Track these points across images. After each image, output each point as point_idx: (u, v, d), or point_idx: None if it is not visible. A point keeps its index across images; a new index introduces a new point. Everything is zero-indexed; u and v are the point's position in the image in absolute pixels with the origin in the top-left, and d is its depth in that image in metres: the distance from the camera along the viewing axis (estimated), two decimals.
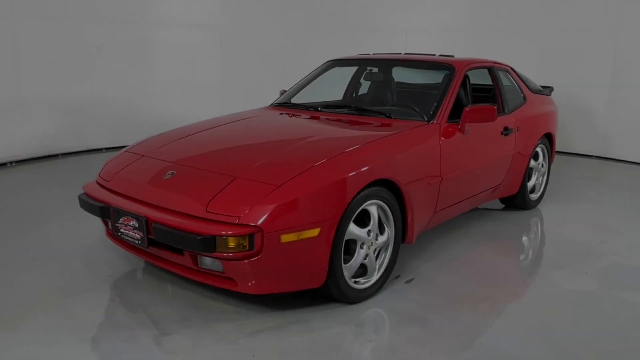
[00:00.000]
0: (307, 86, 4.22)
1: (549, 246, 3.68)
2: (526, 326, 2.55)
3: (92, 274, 2.99)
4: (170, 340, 2.35)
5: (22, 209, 4.11)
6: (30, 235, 3.54)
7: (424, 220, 3.18)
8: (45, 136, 5.81)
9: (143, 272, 3.04)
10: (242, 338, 2.38)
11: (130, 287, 2.85)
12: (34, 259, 3.17)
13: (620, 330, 2.53)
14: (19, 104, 5.54)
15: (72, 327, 2.43)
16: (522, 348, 2.36)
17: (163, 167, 2.80)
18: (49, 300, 2.69)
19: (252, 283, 2.41)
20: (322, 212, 2.43)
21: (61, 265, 3.09)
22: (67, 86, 5.90)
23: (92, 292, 2.78)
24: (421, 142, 3.08)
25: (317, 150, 2.75)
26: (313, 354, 2.27)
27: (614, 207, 4.57)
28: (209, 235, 2.27)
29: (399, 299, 2.80)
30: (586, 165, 6.25)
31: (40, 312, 2.56)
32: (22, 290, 2.78)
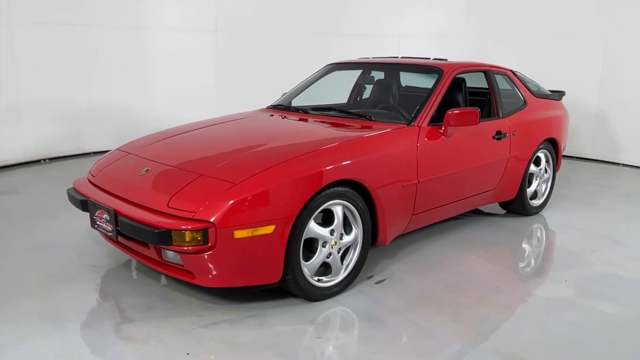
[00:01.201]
0: (307, 89, 4.26)
1: (537, 253, 3.55)
2: (480, 332, 2.47)
3: (80, 264, 3.12)
4: (128, 328, 2.43)
5: (22, 207, 4.26)
6: (30, 230, 3.69)
7: (399, 222, 3.14)
8: (43, 139, 5.76)
9: (126, 263, 3.14)
10: (196, 329, 2.43)
11: (111, 277, 2.97)
12: (33, 249, 3.34)
13: (580, 340, 2.42)
14: (17, 108, 5.50)
15: (45, 310, 2.56)
16: (466, 353, 2.30)
17: (141, 164, 2.90)
18: (34, 286, 2.83)
19: (208, 276, 2.46)
20: (277, 210, 2.45)
21: (54, 255, 3.24)
22: (65, 90, 5.87)
23: (76, 281, 2.91)
24: (396, 145, 3.04)
25: (283, 151, 2.77)
26: (259, 347, 2.30)
27: (620, 215, 4.34)
28: (165, 229, 2.34)
29: (363, 298, 2.78)
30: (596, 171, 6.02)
31: (22, 296, 2.70)
32: (12, 276, 2.94)
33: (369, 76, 4.18)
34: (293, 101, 4.11)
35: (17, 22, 5.38)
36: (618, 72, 6.12)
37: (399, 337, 2.41)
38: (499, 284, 3.00)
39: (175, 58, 6.53)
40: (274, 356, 2.23)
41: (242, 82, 6.92)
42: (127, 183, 2.77)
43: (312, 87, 4.27)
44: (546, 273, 3.18)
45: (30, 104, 5.61)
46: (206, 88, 6.85)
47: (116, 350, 2.25)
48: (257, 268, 2.49)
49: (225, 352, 2.26)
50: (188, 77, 6.68)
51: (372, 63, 4.19)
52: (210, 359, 2.21)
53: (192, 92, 6.74)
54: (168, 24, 6.43)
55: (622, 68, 6.09)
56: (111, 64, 6.17)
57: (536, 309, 2.72)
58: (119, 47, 6.16)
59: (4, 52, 5.32)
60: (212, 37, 6.61)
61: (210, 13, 6.60)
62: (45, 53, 5.66)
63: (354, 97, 4.55)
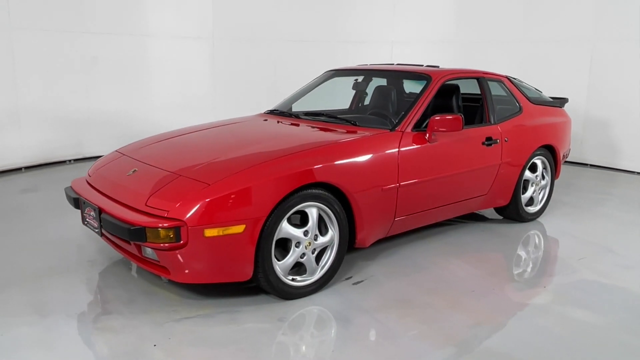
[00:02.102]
0: (307, 94, 4.31)
1: (523, 259, 3.48)
2: (444, 335, 2.46)
3: (77, 259, 3.25)
4: (107, 319, 2.53)
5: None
6: (41, 225, 3.87)
7: (380, 225, 3.15)
8: (42, 145, 5.81)
9: (120, 259, 3.25)
10: (168, 322, 2.51)
11: (102, 272, 3.08)
12: (40, 243, 3.50)
13: (543, 345, 2.38)
14: (16, 114, 5.53)
15: (35, 300, 2.68)
16: (424, 355, 2.29)
17: (131, 165, 3.01)
18: (31, 277, 2.97)
19: (181, 272, 2.53)
20: (247, 210, 2.50)
21: (56, 250, 3.39)
22: (64, 96, 5.90)
23: (69, 274, 3.03)
24: (375, 149, 3.05)
25: (261, 154, 2.82)
26: (224, 342, 2.35)
27: (618, 223, 4.22)
28: (139, 227, 2.43)
29: (337, 298, 2.80)
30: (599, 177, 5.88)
31: (18, 286, 2.84)
32: (14, 267, 3.09)
33: (361, 82, 4.20)
34: (293, 106, 4.17)
35: (17, 29, 5.42)
36: (605, 77, 6.21)
37: (362, 337, 2.43)
38: (476, 288, 2.97)
39: (173, 64, 6.59)
40: (236, 351, 2.28)
41: (239, 87, 6.94)
42: (115, 183, 2.88)
43: (312, 93, 4.33)
44: (527, 279, 3.12)
45: (29, 109, 5.64)
46: (203, 94, 6.87)
47: (90, 339, 2.34)
48: (228, 266, 2.55)
49: (191, 345, 2.33)
50: (186, 83, 6.72)
51: (369, 70, 4.20)
52: (175, 350, 2.28)
53: (189, 98, 6.77)
54: (166, 31, 6.49)
55: (609, 74, 6.19)
56: (110, 70, 6.20)
57: (505, 313, 2.68)
58: (118, 53, 6.21)
59: (4, 58, 5.37)
60: (209, 44, 6.66)
61: (207, 20, 6.64)
62: (44, 59, 5.69)
63: (356, 102, 4.58)
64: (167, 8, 6.45)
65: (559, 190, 5.17)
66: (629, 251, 3.60)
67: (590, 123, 6.39)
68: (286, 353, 2.29)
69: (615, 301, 2.84)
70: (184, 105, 6.72)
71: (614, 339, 2.46)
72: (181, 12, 6.50)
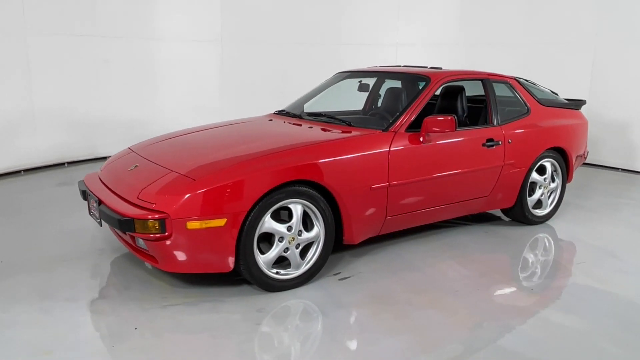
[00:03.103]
0: (318, 95, 4.34)
1: (518, 262, 3.36)
2: (414, 331, 2.44)
3: (89, 248, 3.43)
4: (99, 303, 2.66)
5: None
6: (66, 216, 4.09)
7: (369, 223, 3.14)
8: (56, 145, 5.87)
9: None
10: (154, 308, 2.61)
11: (107, 260, 3.22)
12: (56, 233, 3.71)
13: (511, 346, 2.32)
14: (31, 115, 5.60)
15: (40, 284, 2.86)
16: (389, 350, 2.28)
17: (134, 160, 3.15)
18: (42, 263, 3.16)
19: (167, 262, 2.63)
20: (228, 205, 2.57)
21: (72, 238, 3.57)
22: (77, 98, 5.96)
23: (78, 261, 3.20)
24: (364, 149, 3.04)
25: (250, 152, 2.88)
26: (200, 328, 2.42)
27: (632, 229, 4.02)
28: (128, 218, 2.54)
29: (320, 292, 2.83)
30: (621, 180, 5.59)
31: (28, 271, 3.03)
32: (29, 253, 3.29)
33: (365, 84, 4.19)
34: (305, 107, 4.21)
35: (32, 33, 5.47)
36: (606, 79, 6.18)
37: (333, 330, 2.44)
38: (461, 288, 2.92)
39: (182, 67, 6.65)
40: (209, 337, 2.35)
41: (246, 89, 6.96)
42: (118, 177, 3.02)
43: (323, 94, 4.36)
44: (516, 281, 3.04)
45: (44, 111, 5.71)
46: (212, 95, 6.90)
47: (79, 320, 2.47)
48: (210, 257, 2.63)
49: (168, 330, 2.41)
50: (194, 85, 6.77)
51: (375, 71, 4.19)
52: (153, 334, 2.37)
53: (198, 99, 6.80)
54: (176, 35, 6.55)
55: (610, 76, 6.15)
56: (121, 73, 6.28)
57: (482, 314, 2.62)
58: (129, 56, 6.29)
59: (20, 61, 5.44)
60: (217, 47, 6.71)
61: (215, 24, 6.66)
62: (58, 63, 5.76)
63: (369, 103, 4.58)
64: (176, 12, 6.53)
65: (575, 193, 4.98)
66: (633, 257, 3.43)
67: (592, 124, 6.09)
68: (257, 340, 2.34)
69: (602, 307, 2.72)
70: (193, 106, 6.76)
71: (591, 345, 2.36)
72: (190, 16, 6.55)
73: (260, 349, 2.28)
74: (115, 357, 2.18)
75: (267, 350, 2.27)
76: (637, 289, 2.95)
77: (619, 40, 6.02)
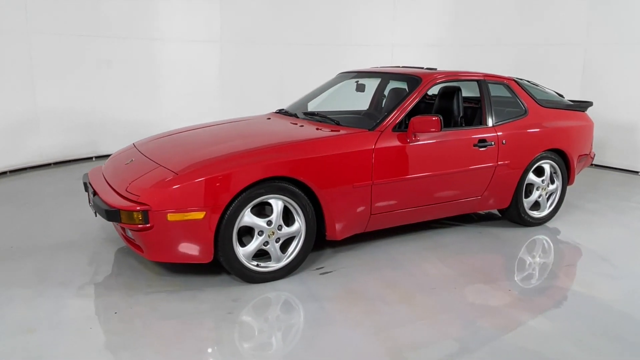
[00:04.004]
0: (320, 95, 4.38)
1: (504, 262, 3.30)
2: (379, 327, 2.45)
3: (94, 236, 3.58)
4: (88, 288, 2.78)
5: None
6: (79, 207, 4.27)
7: (353, 220, 3.16)
8: (58, 144, 5.89)
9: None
10: (137, 295, 2.71)
11: (107, 249, 3.36)
12: (69, 222, 3.89)
13: (472, 345, 2.30)
14: (35, 114, 5.62)
15: (40, 268, 3.01)
16: (349, 343, 2.30)
17: (133, 155, 3.27)
18: (46, 248, 3.32)
19: (151, 251, 2.73)
20: (207, 199, 2.65)
21: (80, 227, 3.74)
22: (79, 98, 5.97)
23: (80, 248, 3.35)
24: (348, 148, 3.06)
25: (235, 149, 2.94)
26: (173, 315, 2.51)
27: (633, 233, 3.88)
28: (114, 209, 2.66)
29: (298, 286, 2.87)
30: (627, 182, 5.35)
31: (32, 256, 3.20)
32: (36, 240, 3.47)
33: (361, 84, 4.19)
34: (308, 105, 4.24)
35: (35, 33, 5.48)
36: (597, 80, 6.22)
37: (300, 322, 2.49)
38: (438, 286, 2.90)
39: (182, 67, 6.67)
40: (178, 324, 2.43)
41: (245, 89, 6.96)
42: (115, 170, 3.15)
43: (325, 94, 4.39)
44: (496, 281, 2.99)
45: (47, 111, 5.73)
46: (212, 95, 6.89)
47: (66, 303, 2.60)
48: (190, 248, 2.71)
49: (144, 315, 2.51)
50: (195, 85, 6.77)
51: (375, 72, 4.19)
52: (129, 318, 2.47)
53: (198, 99, 6.81)
54: (176, 35, 6.56)
55: (600, 76, 6.19)
56: (123, 73, 6.29)
57: (450, 312, 2.60)
58: (131, 56, 6.32)
59: (23, 61, 5.46)
60: (217, 47, 6.74)
61: (215, 24, 6.69)
62: (61, 63, 5.77)
63: (374, 103, 4.58)
64: (177, 13, 6.55)
65: (581, 195, 4.83)
66: (625, 262, 3.31)
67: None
68: (223, 328, 2.40)
69: (577, 310, 2.65)
70: (194, 105, 6.77)
71: (555, 347, 2.31)
72: (190, 16, 6.60)
73: (225, 336, 2.34)
74: (90, 338, 2.29)
75: (228, 337, 2.33)
76: (617, 293, 2.86)
77: (608, 42, 6.08)
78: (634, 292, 2.87)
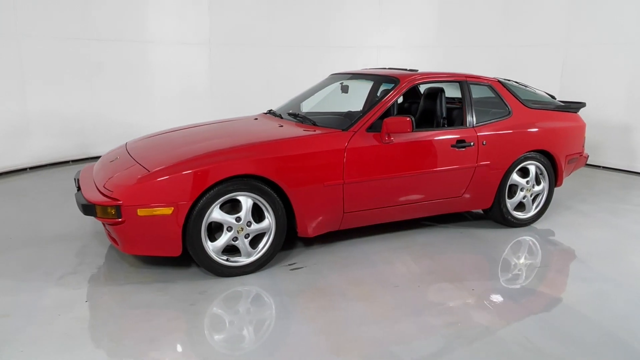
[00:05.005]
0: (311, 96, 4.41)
1: (477, 263, 3.25)
2: (330, 322, 2.47)
3: (87, 230, 3.72)
4: (70, 278, 2.91)
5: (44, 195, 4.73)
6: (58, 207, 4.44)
7: (326, 218, 3.19)
8: (49, 146, 5.86)
9: None
10: (112, 285, 2.82)
11: (98, 242, 3.49)
12: (70, 216, 4.06)
13: (418, 342, 2.29)
14: (25, 117, 5.57)
15: (30, 258, 3.17)
16: (295, 336, 2.34)
17: (119, 153, 3.40)
18: (41, 240, 3.48)
19: (125, 244, 2.84)
20: (175, 196, 2.73)
21: (76, 221, 3.89)
22: (70, 100, 5.94)
23: (71, 241, 3.49)
24: (319, 147, 3.10)
25: (209, 148, 3.02)
26: (139, 305, 2.60)
27: (624, 236, 3.77)
28: (90, 203, 2.78)
29: (266, 281, 2.92)
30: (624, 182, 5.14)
31: (27, 247, 3.35)
32: (32, 232, 3.63)
33: (345, 86, 4.20)
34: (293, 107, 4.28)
35: (25, 36, 5.43)
36: (575, 79, 6.36)
37: (255, 315, 2.54)
38: (402, 284, 2.90)
39: (172, 69, 6.66)
40: (142, 314, 2.52)
41: (235, 90, 6.95)
42: (101, 168, 3.28)
43: (316, 95, 4.42)
44: (462, 281, 2.96)
45: (38, 113, 5.68)
46: (202, 96, 6.89)
47: (45, 292, 2.73)
48: (159, 242, 2.80)
49: (112, 305, 2.61)
50: (185, 87, 6.76)
51: (363, 74, 4.19)
52: (97, 307, 2.58)
53: (188, 101, 6.80)
54: (166, 38, 6.55)
55: (578, 76, 6.33)
56: (114, 75, 6.27)
57: (404, 308, 2.60)
58: (121, 59, 6.30)
59: (13, 64, 5.39)
60: (206, 50, 6.73)
61: (204, 27, 6.70)
62: (51, 65, 5.73)
63: (368, 104, 4.58)
64: (166, 15, 6.55)
65: (575, 196, 4.71)
66: (602, 266, 3.22)
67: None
68: (182, 319, 2.48)
69: (534, 311, 2.61)
70: (184, 107, 6.76)
71: (499, 347, 2.28)
72: (180, 19, 6.60)
73: (181, 326, 2.42)
74: (55, 324, 2.40)
75: (184, 327, 2.41)
76: (582, 295, 2.80)
77: (586, 43, 6.24)
78: (599, 295, 2.80)
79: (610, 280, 3.00)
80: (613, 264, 3.25)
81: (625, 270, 3.15)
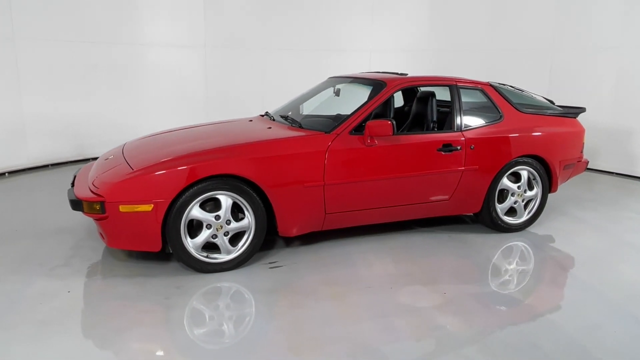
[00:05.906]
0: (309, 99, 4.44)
1: (457, 266, 3.21)
2: (297, 321, 2.50)
3: (86, 225, 3.86)
4: (59, 269, 3.03)
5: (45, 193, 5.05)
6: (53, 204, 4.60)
7: (307, 219, 3.21)
8: (45, 147, 5.86)
9: None
10: (97, 278, 2.92)
11: (94, 237, 3.62)
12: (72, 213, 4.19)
13: (374, 344, 2.29)
14: (21, 119, 5.57)
15: (27, 251, 3.30)
16: (259, 335, 2.38)
17: (114, 153, 3.51)
18: (41, 233, 3.62)
19: (109, 239, 2.93)
20: (155, 193, 2.81)
21: (78, 216, 4.05)
22: (65, 102, 5.93)
23: (69, 235, 3.62)
24: (300, 149, 3.12)
25: (195, 149, 3.08)
26: (118, 297, 2.69)
27: (619, 245, 3.65)
28: (77, 199, 2.89)
29: (243, 278, 2.97)
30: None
31: (26, 239, 3.50)
32: (33, 226, 3.79)
33: (337, 89, 4.19)
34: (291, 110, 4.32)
35: (21, 39, 5.44)
36: (562, 83, 6.45)
37: (224, 311, 2.58)
38: (375, 285, 2.90)
39: (167, 72, 6.65)
40: (118, 306, 2.61)
41: (229, 93, 6.94)
42: (97, 166, 3.40)
43: (314, 98, 4.44)
44: (436, 284, 2.93)
45: (33, 115, 5.68)
46: (196, 99, 6.87)
47: (33, 282, 2.85)
48: (141, 237, 2.89)
49: (92, 296, 2.71)
50: (179, 89, 6.75)
51: (357, 77, 4.19)
52: (78, 297, 2.68)
53: (183, 103, 6.79)
54: (161, 40, 6.55)
55: (565, 80, 6.42)
56: (109, 78, 6.26)
57: (371, 310, 2.60)
58: (116, 61, 6.29)
59: (9, 66, 5.39)
60: (201, 52, 6.72)
61: (199, 30, 6.69)
62: (47, 68, 5.72)
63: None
64: (161, 18, 6.54)
65: (576, 202, 4.57)
66: (587, 275, 3.13)
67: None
68: (155, 312, 2.55)
69: (501, 316, 2.57)
70: (178, 109, 6.76)
71: (458, 351, 2.26)
72: (175, 22, 6.60)
73: (152, 318, 2.49)
74: (34, 312, 2.51)
75: (153, 319, 2.47)
76: (555, 303, 2.73)
77: (573, 48, 6.31)
78: (572, 303, 2.73)
79: (590, 289, 2.92)
80: (597, 272, 3.15)
81: (607, 279, 3.06)
